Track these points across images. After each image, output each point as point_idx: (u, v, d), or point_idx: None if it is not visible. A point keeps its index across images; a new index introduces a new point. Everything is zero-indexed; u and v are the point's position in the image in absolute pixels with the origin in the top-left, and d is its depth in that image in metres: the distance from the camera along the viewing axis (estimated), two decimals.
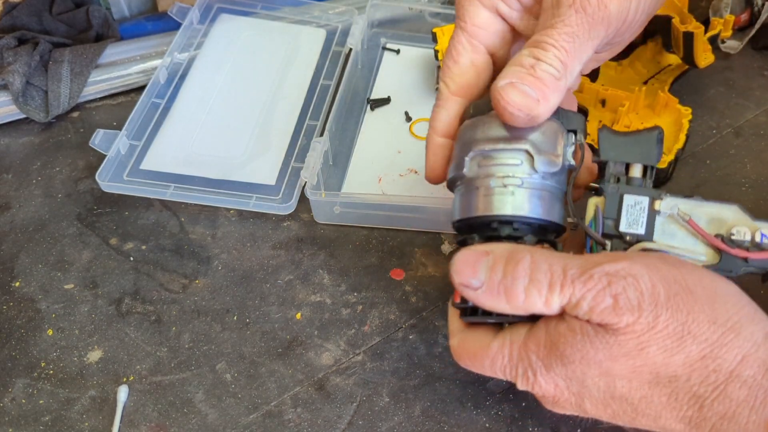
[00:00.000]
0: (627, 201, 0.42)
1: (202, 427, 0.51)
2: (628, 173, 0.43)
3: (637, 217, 0.42)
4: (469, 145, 0.43)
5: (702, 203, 0.43)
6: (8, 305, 0.59)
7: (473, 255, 0.39)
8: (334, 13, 0.82)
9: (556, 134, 0.43)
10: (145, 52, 0.79)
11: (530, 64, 0.41)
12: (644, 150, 0.43)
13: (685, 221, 0.41)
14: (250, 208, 0.64)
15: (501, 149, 0.42)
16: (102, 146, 0.66)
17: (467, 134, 0.44)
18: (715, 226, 0.42)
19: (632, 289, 0.35)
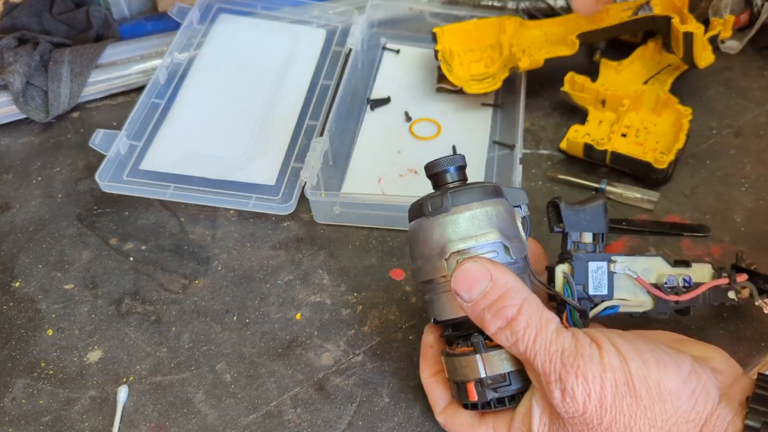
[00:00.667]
0: (591, 267, 0.49)
1: (202, 427, 0.51)
2: (582, 239, 0.50)
3: (601, 279, 0.49)
4: (442, 246, 0.45)
5: (636, 258, 0.50)
6: (8, 305, 0.59)
7: (479, 272, 0.43)
8: (334, 13, 0.82)
9: (512, 216, 0.47)
10: (145, 52, 0.79)
11: None
12: (596, 219, 0.50)
13: (635, 278, 0.50)
14: (250, 209, 0.64)
15: (476, 245, 0.44)
16: (102, 146, 0.66)
17: (436, 234, 0.45)
18: (647, 275, 0.50)
19: (581, 388, 0.40)
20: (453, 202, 0.45)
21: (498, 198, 0.46)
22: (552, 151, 0.71)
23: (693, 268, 0.51)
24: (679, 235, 0.62)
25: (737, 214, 0.64)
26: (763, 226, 0.63)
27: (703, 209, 0.65)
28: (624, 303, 0.50)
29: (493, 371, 0.44)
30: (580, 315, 0.48)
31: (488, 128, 0.72)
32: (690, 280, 0.51)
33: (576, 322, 0.48)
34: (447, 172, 0.48)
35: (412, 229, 0.48)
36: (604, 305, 0.49)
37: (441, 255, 0.45)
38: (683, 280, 0.51)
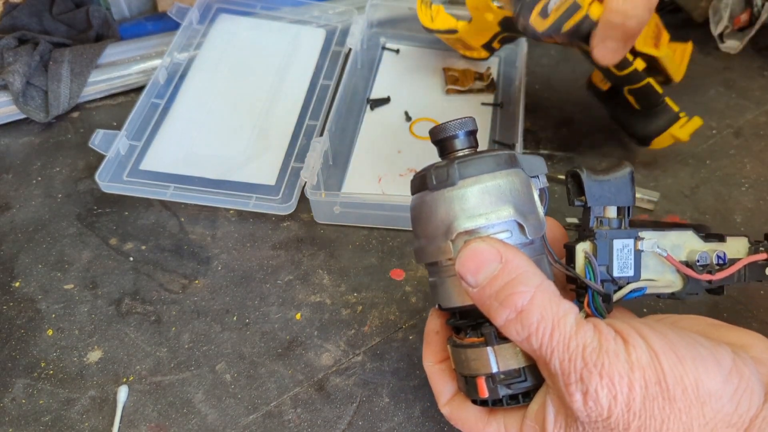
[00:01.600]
0: (616, 246, 0.43)
1: (202, 427, 0.51)
2: (605, 213, 0.44)
3: (626, 260, 0.44)
4: (448, 225, 0.39)
5: (665, 233, 0.45)
6: (8, 305, 0.59)
7: (487, 253, 0.38)
8: (334, 13, 0.82)
9: (528, 189, 0.41)
10: (145, 52, 0.79)
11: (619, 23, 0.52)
12: (622, 191, 0.44)
13: (664, 256, 0.44)
14: (250, 209, 0.64)
15: (487, 225, 0.39)
16: (102, 146, 0.66)
17: (441, 211, 0.40)
18: (677, 252, 0.45)
19: (605, 390, 0.35)
20: (461, 173, 0.39)
21: (513, 168, 0.40)
22: (552, 151, 0.71)
23: (727, 243, 0.46)
24: None
25: (737, 214, 0.64)
26: (763, 226, 0.63)
27: (703, 209, 0.65)
28: (651, 284, 0.44)
29: (506, 366, 0.39)
30: (603, 300, 0.43)
31: (488, 128, 0.72)
32: (725, 256, 0.45)
33: (599, 308, 0.43)
34: (455, 138, 0.42)
35: (414, 204, 0.42)
36: (629, 287, 0.43)
37: (447, 235, 0.39)
38: (717, 257, 0.45)
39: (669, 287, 0.45)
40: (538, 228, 0.40)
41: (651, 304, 0.48)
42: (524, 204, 0.40)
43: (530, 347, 0.37)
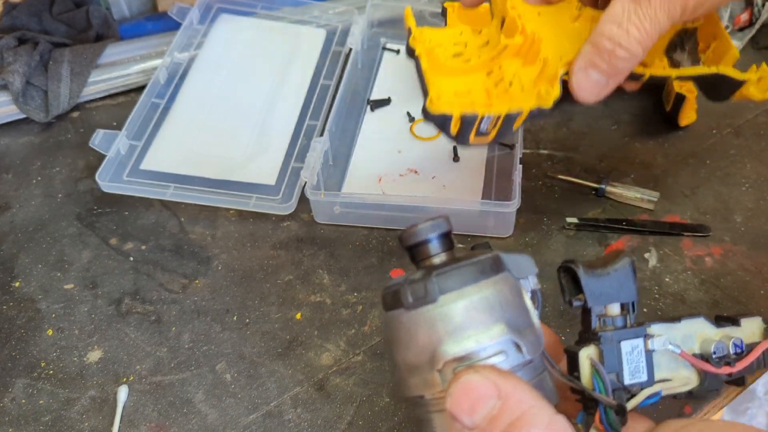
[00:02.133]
0: (624, 348, 0.39)
1: (202, 427, 0.51)
2: (606, 312, 0.40)
3: (637, 363, 0.39)
4: (432, 351, 0.33)
5: (674, 325, 0.41)
6: (8, 305, 0.59)
7: (482, 388, 0.31)
8: (334, 13, 0.82)
9: (520, 297, 0.36)
10: (145, 52, 0.79)
11: (609, 48, 0.44)
12: (623, 285, 0.39)
13: (678, 353, 0.40)
14: (250, 208, 0.64)
15: (478, 348, 0.33)
16: (102, 146, 0.66)
17: (422, 335, 0.34)
18: (689, 343, 0.41)
19: None
20: (441, 288, 0.34)
21: (498, 274, 0.35)
22: (552, 151, 0.71)
23: (742, 327, 0.42)
24: (679, 235, 0.62)
25: (737, 214, 0.64)
26: (764, 226, 0.63)
27: (703, 209, 0.65)
28: (665, 385, 0.40)
29: None
30: (616, 412, 0.38)
31: None
32: (742, 344, 0.41)
33: (613, 424, 0.37)
34: (428, 243, 0.37)
35: (388, 324, 0.36)
36: (644, 394, 0.38)
37: (432, 364, 0.33)
38: (734, 346, 0.41)
39: (685, 385, 0.40)
40: (537, 343, 0.35)
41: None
42: (517, 316, 0.35)
43: None
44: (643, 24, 0.43)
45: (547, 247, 0.62)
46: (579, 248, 0.62)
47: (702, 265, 0.60)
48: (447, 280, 0.34)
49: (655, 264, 0.60)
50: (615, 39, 0.44)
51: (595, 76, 0.45)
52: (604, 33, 0.44)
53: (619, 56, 0.44)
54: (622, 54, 0.44)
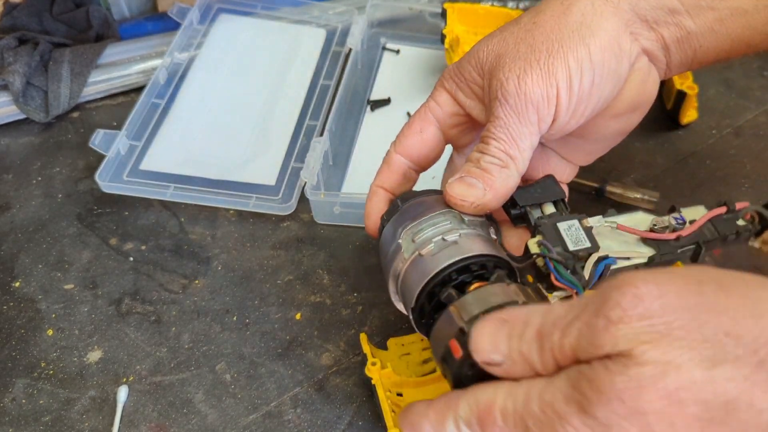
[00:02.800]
0: (562, 227, 0.44)
1: (202, 427, 0.51)
2: (543, 213, 0.46)
3: (578, 235, 0.44)
4: (396, 229, 0.44)
5: (616, 216, 0.46)
6: (8, 305, 0.59)
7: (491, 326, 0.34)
8: (334, 13, 0.82)
9: None
10: (145, 52, 0.79)
11: (476, 158, 0.44)
12: (549, 188, 0.47)
13: (614, 227, 0.45)
14: (250, 209, 0.64)
15: (428, 218, 0.43)
16: (102, 146, 0.66)
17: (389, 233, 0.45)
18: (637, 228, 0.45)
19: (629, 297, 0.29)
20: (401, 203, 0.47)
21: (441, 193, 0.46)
22: None
23: (684, 212, 0.47)
24: None
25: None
26: None
27: None
28: (620, 254, 0.43)
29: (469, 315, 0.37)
30: (568, 269, 0.42)
31: None
32: (682, 218, 0.46)
33: (568, 278, 0.41)
34: None
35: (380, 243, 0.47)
36: (594, 257, 0.43)
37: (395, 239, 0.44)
38: (675, 219, 0.45)
39: (642, 256, 0.44)
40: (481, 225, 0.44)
41: None
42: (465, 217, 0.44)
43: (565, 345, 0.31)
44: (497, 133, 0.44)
45: None
46: None
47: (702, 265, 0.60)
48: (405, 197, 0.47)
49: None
50: (479, 148, 0.45)
51: (468, 180, 0.44)
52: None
53: (487, 161, 0.44)
54: (487, 158, 0.44)
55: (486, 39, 0.46)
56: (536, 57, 0.43)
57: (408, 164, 0.49)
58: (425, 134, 0.49)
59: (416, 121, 0.49)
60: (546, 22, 0.44)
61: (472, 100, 0.47)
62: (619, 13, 0.44)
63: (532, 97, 0.42)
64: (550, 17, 0.44)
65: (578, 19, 0.43)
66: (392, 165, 0.49)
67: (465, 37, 0.76)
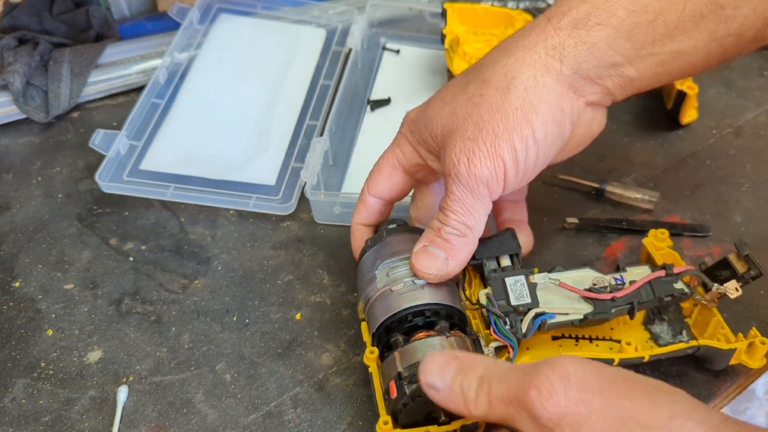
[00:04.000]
0: (509, 282, 0.49)
1: (202, 427, 0.51)
2: (500, 265, 0.51)
3: (521, 291, 0.49)
4: (374, 263, 0.50)
5: (563, 272, 0.50)
6: (8, 305, 0.59)
7: (444, 358, 0.40)
8: (334, 13, 0.82)
9: None
10: (145, 52, 0.79)
11: (437, 227, 0.48)
12: (505, 242, 0.52)
13: (557, 285, 0.49)
14: (250, 209, 0.64)
15: (404, 258, 0.49)
16: (102, 146, 0.66)
17: (371, 257, 0.51)
18: (580, 285, 0.49)
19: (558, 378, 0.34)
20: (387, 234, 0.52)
21: None
22: None
23: (627, 272, 0.51)
24: (679, 235, 0.62)
25: (737, 214, 0.64)
26: (763, 226, 0.63)
27: (703, 209, 0.65)
28: (558, 310, 0.48)
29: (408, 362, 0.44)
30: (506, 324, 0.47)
31: None
32: (622, 278, 0.50)
33: (502, 330, 0.47)
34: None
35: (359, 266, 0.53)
36: (532, 312, 0.48)
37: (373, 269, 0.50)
38: (615, 280, 0.50)
39: (578, 313, 0.48)
40: None
41: None
42: None
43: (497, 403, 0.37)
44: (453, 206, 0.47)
45: (546, 248, 0.62)
46: (579, 248, 0.62)
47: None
48: (392, 231, 0.52)
49: None
50: (439, 218, 0.48)
51: (432, 250, 0.48)
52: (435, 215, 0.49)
53: (447, 231, 0.48)
54: (447, 230, 0.47)
55: (439, 105, 0.49)
56: (483, 138, 0.45)
57: (381, 203, 0.54)
58: (394, 179, 0.53)
59: (385, 167, 0.53)
60: (491, 97, 0.46)
61: (429, 155, 0.51)
62: (561, 80, 0.47)
63: (481, 176, 0.46)
64: (495, 92, 0.46)
65: (521, 95, 0.46)
66: (367, 205, 0.54)
67: (465, 37, 0.76)
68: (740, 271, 0.49)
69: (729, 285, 0.49)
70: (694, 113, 0.71)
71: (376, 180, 0.54)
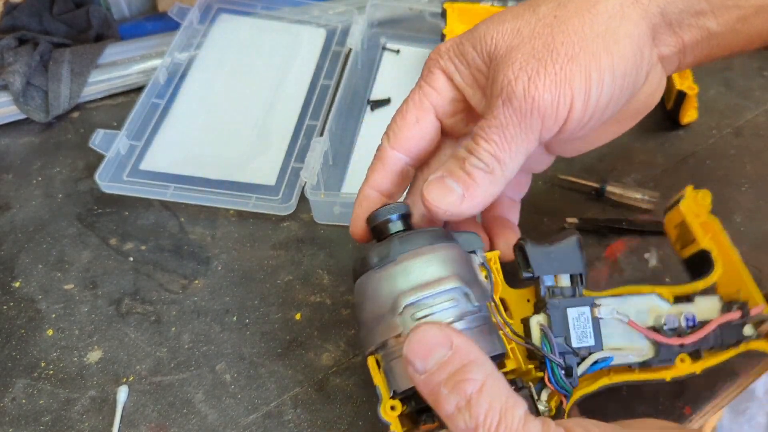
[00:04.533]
0: (571, 314, 0.42)
1: (202, 427, 0.51)
2: (557, 283, 0.43)
3: (584, 328, 0.42)
4: (394, 300, 0.39)
5: (626, 298, 0.44)
6: (8, 305, 0.59)
7: (436, 337, 0.36)
8: (334, 13, 0.82)
9: (468, 260, 0.42)
10: (145, 52, 0.79)
11: (462, 157, 0.41)
12: (569, 258, 0.43)
13: (625, 323, 0.43)
14: (250, 209, 0.64)
15: (432, 293, 0.39)
16: (102, 146, 0.66)
17: (385, 287, 0.40)
18: (642, 318, 0.43)
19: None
20: (400, 249, 0.40)
21: (450, 242, 0.41)
22: None
23: (696, 303, 0.45)
24: None
25: (737, 215, 0.64)
26: (763, 226, 0.63)
27: None
28: (618, 353, 0.42)
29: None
30: (564, 373, 0.41)
31: None
32: (694, 318, 0.44)
33: (560, 382, 0.41)
34: (389, 222, 0.43)
35: (357, 288, 0.42)
36: (593, 358, 0.42)
37: (393, 311, 0.39)
38: (686, 319, 0.43)
39: (640, 355, 0.43)
40: (483, 294, 0.41)
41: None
42: (466, 273, 0.40)
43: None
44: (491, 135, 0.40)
45: None
46: None
47: None
48: (405, 243, 0.40)
49: (655, 264, 0.60)
50: (468, 147, 0.41)
51: (448, 182, 0.41)
52: (461, 143, 0.42)
53: (472, 164, 0.40)
54: (473, 161, 0.40)
55: (495, 22, 0.41)
56: (553, 59, 0.38)
57: (405, 160, 0.45)
58: (423, 125, 0.44)
59: (411, 110, 0.44)
60: (569, 19, 0.39)
61: (471, 87, 0.43)
62: (648, 17, 0.41)
63: (541, 103, 0.38)
64: (574, 14, 0.39)
65: (604, 20, 0.39)
66: (388, 163, 0.45)
67: None
68: None
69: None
70: (694, 113, 0.71)
71: (400, 128, 0.45)
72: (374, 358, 0.41)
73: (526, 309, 0.45)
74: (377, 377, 0.41)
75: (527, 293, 0.45)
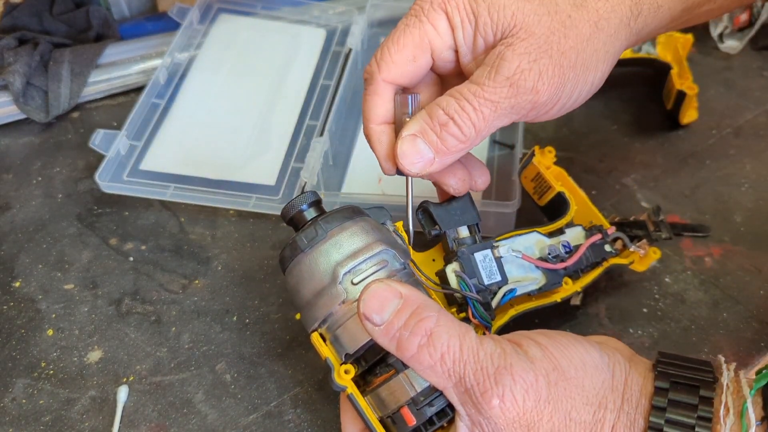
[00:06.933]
0: (478, 258, 0.48)
1: (202, 427, 0.51)
2: (458, 235, 0.50)
3: (491, 268, 0.49)
4: (332, 272, 0.43)
5: (514, 238, 0.51)
6: (8, 305, 0.59)
7: (386, 291, 0.39)
8: (334, 13, 0.82)
9: (384, 229, 0.46)
10: (145, 52, 0.79)
11: (441, 122, 0.42)
12: (466, 211, 0.50)
13: (520, 258, 0.50)
14: (250, 209, 0.64)
15: (367, 257, 0.43)
16: (102, 146, 0.66)
17: (321, 263, 0.43)
18: (530, 252, 0.51)
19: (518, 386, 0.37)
20: (326, 228, 0.44)
21: (364, 216, 0.46)
22: None
23: (567, 234, 0.53)
24: (679, 235, 0.62)
25: (737, 214, 0.64)
26: (763, 226, 0.63)
27: (703, 209, 0.65)
28: (519, 284, 0.49)
29: (421, 385, 0.41)
30: (484, 308, 0.47)
31: None
32: (569, 244, 0.52)
33: (483, 316, 0.47)
34: (303, 211, 0.46)
35: (291, 273, 0.44)
36: (502, 291, 0.48)
37: (334, 281, 0.42)
38: (563, 246, 0.52)
39: (535, 283, 0.50)
40: (406, 253, 0.46)
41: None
42: (387, 238, 0.45)
43: (444, 368, 0.38)
44: (481, 107, 0.41)
45: None
46: None
47: (702, 265, 0.60)
48: (328, 222, 0.44)
49: (655, 264, 0.60)
50: (450, 112, 0.41)
51: (421, 145, 0.42)
52: (441, 103, 0.42)
53: (450, 132, 0.42)
54: (452, 130, 0.41)
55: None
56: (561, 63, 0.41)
57: (396, 88, 0.45)
58: (419, 63, 0.44)
59: (409, 46, 0.43)
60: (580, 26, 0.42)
61: (470, 46, 0.43)
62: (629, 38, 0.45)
63: (540, 99, 0.41)
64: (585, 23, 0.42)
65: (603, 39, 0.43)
66: (383, 93, 0.44)
67: None
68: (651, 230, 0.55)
69: (642, 244, 0.55)
70: (694, 113, 0.71)
71: (395, 61, 0.43)
72: (317, 333, 0.45)
73: (434, 266, 0.51)
74: (324, 350, 0.44)
75: (432, 253, 0.51)
